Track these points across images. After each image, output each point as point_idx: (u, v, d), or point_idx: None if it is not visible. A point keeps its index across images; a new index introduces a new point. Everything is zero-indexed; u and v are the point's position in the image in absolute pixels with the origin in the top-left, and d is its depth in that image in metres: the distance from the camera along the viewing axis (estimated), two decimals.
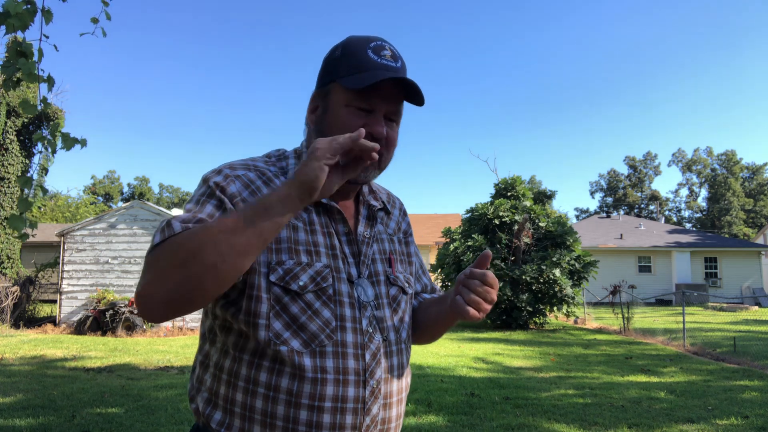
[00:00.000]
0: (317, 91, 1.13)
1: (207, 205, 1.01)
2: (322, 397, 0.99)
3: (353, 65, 1.06)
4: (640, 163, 60.83)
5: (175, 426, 4.90)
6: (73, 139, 2.72)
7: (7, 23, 2.33)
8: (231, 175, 1.05)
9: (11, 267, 14.16)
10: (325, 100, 1.10)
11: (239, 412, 1.00)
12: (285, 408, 0.98)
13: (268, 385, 0.99)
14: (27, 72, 2.48)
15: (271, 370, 0.99)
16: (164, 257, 0.90)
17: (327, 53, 1.14)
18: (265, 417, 0.99)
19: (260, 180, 1.07)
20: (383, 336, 1.09)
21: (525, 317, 14.07)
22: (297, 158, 1.15)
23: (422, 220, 31.47)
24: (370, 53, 1.07)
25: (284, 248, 1.03)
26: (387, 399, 1.07)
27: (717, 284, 26.43)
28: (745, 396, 6.35)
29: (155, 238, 0.93)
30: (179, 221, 0.95)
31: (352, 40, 1.10)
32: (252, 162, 1.10)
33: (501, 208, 14.97)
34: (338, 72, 1.08)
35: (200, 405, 1.06)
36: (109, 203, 54.84)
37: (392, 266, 1.19)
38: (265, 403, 0.99)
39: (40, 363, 8.20)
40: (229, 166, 1.07)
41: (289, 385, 0.98)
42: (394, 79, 1.04)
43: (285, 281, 1.01)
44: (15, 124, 14.18)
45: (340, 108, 1.07)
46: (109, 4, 2.84)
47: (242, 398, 1.00)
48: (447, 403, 5.78)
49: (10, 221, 2.56)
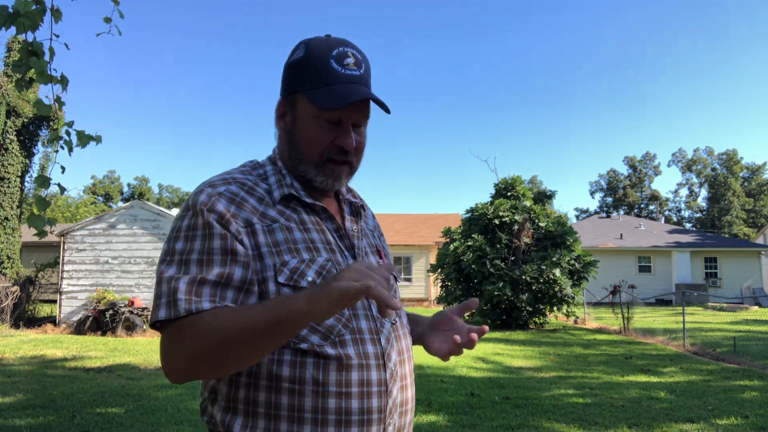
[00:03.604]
0: (284, 98, 1.15)
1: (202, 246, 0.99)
2: (348, 383, 1.00)
3: (317, 78, 1.07)
4: (640, 163, 60.83)
5: (175, 426, 4.90)
6: (87, 136, 2.73)
7: (18, 23, 2.34)
8: (214, 193, 1.04)
9: (11, 267, 14.15)
10: (293, 110, 1.12)
11: (263, 411, 0.99)
12: (313, 399, 0.98)
13: (293, 379, 0.99)
14: (39, 71, 2.48)
15: (293, 364, 0.99)
16: (184, 346, 0.93)
17: (289, 56, 1.14)
18: (292, 412, 0.98)
19: (243, 191, 1.07)
20: (391, 321, 1.12)
21: (525, 317, 14.07)
22: (273, 164, 1.16)
23: (422, 220, 31.45)
24: (334, 63, 1.07)
25: (284, 249, 1.03)
26: (403, 381, 1.10)
27: (717, 284, 26.42)
28: (745, 396, 6.35)
29: (160, 311, 0.94)
30: (183, 292, 0.94)
31: (314, 47, 1.10)
32: (229, 175, 1.10)
33: (501, 208, 14.97)
34: (303, 83, 1.09)
35: (217, 415, 1.03)
36: (109, 203, 54.87)
37: (383, 258, 1.25)
38: (291, 398, 0.98)
39: (40, 363, 8.21)
40: (209, 185, 1.06)
41: (315, 376, 0.99)
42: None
43: (294, 280, 1.01)
44: (15, 124, 14.17)
45: (309, 120, 1.09)
46: (119, 3, 2.83)
47: (266, 397, 0.99)
48: (447, 403, 5.78)
49: (29, 220, 2.58)
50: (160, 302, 0.95)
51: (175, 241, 1.01)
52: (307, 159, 1.11)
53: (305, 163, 1.11)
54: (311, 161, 1.11)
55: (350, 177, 1.17)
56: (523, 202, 15.48)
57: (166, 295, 0.95)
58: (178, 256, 0.99)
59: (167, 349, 0.95)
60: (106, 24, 2.87)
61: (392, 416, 1.06)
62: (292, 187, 1.11)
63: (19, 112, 14.14)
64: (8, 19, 2.33)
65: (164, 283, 0.96)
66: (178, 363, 0.94)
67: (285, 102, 1.14)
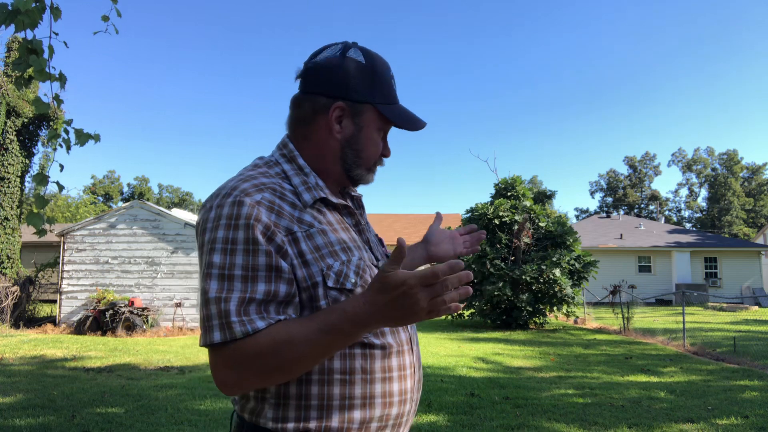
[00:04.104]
0: (348, 103, 1.13)
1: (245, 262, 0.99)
2: (390, 368, 1.09)
3: (386, 94, 1.17)
4: (640, 163, 60.81)
5: (175, 426, 4.90)
6: (86, 135, 2.73)
7: (17, 21, 2.33)
8: (253, 203, 1.01)
9: (11, 267, 14.14)
10: (360, 119, 1.15)
11: (316, 404, 1.04)
12: (362, 386, 1.05)
13: (344, 370, 1.05)
14: (38, 69, 2.47)
15: (343, 356, 1.05)
16: (246, 365, 0.96)
17: (337, 56, 1.14)
18: (343, 400, 1.04)
19: (276, 197, 1.06)
20: None
21: (525, 317, 14.06)
22: (289, 162, 1.15)
23: (422, 220, 31.46)
24: (392, 82, 1.20)
25: (325, 253, 1.06)
26: (419, 361, 1.22)
27: (717, 284, 26.40)
28: (745, 396, 6.34)
29: (215, 333, 0.96)
30: (235, 314, 0.95)
31: (377, 61, 1.17)
32: (256, 180, 1.07)
33: (501, 208, 14.97)
34: (374, 96, 1.15)
35: (268, 412, 1.05)
36: (109, 203, 54.82)
37: (384, 246, 1.34)
38: (343, 388, 1.04)
39: (40, 363, 8.20)
40: (244, 193, 1.03)
41: (363, 365, 1.06)
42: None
43: (340, 283, 1.06)
44: (15, 124, 14.17)
45: (373, 131, 1.17)
46: (117, 1, 2.83)
47: (318, 390, 1.04)
48: (447, 403, 5.78)
49: (28, 218, 2.58)
50: (212, 324, 0.96)
51: (212, 254, 1.00)
52: (365, 165, 1.19)
53: (361, 168, 1.18)
54: (366, 166, 1.19)
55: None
56: (523, 202, 15.47)
57: (217, 317, 0.96)
58: (218, 270, 0.98)
59: (226, 367, 0.97)
60: (103, 22, 2.87)
61: (416, 393, 1.18)
62: (318, 188, 1.13)
63: (19, 112, 14.13)
64: (8, 16, 2.32)
65: (213, 304, 0.97)
66: (240, 379, 0.98)
67: (350, 109, 1.14)
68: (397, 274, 0.88)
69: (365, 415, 1.05)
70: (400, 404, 1.10)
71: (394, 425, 1.10)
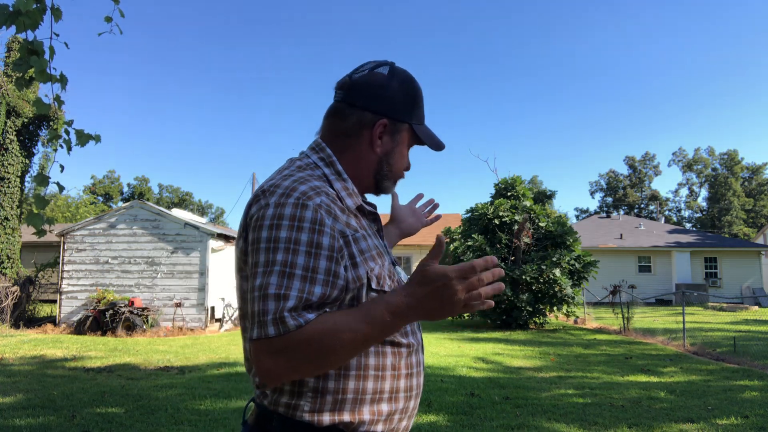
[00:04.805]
0: (390, 120, 1.24)
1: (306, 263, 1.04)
2: (411, 365, 1.20)
3: (420, 116, 1.30)
4: (640, 163, 60.79)
5: (175, 426, 4.90)
6: (87, 136, 2.73)
7: (18, 21, 2.34)
8: (314, 206, 1.07)
9: (11, 267, 14.15)
10: (397, 135, 1.26)
11: (351, 397, 1.12)
12: (390, 381, 1.15)
13: (377, 367, 1.14)
14: (39, 70, 2.48)
15: (376, 354, 1.14)
16: (295, 353, 1.00)
17: (383, 75, 1.24)
18: (375, 394, 1.13)
19: (330, 201, 1.12)
20: None
21: (525, 317, 14.06)
22: (329, 167, 1.22)
23: None
24: (423, 105, 1.31)
25: (368, 257, 1.15)
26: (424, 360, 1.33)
27: (717, 284, 26.40)
28: (745, 396, 6.34)
29: (269, 328, 0.99)
30: (290, 310, 0.99)
31: (416, 85, 1.30)
32: (311, 183, 1.12)
33: (501, 208, 14.97)
34: (411, 116, 1.27)
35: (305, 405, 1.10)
36: (109, 203, 54.80)
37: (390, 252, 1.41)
38: (375, 383, 1.13)
39: (40, 363, 8.21)
40: (305, 196, 1.08)
41: (393, 362, 1.16)
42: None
43: (380, 285, 1.15)
44: (15, 124, 14.17)
45: (404, 148, 1.29)
46: (120, 2, 2.83)
47: (354, 385, 1.12)
48: (447, 403, 5.78)
49: (28, 219, 2.58)
50: (266, 319, 0.99)
51: (273, 252, 1.04)
52: (393, 178, 1.29)
53: (389, 180, 1.29)
54: (394, 179, 1.30)
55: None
56: (523, 202, 15.47)
57: (273, 312, 0.99)
58: (280, 267, 1.02)
59: (272, 356, 1.00)
60: (106, 23, 2.87)
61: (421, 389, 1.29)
62: (356, 194, 1.22)
63: (19, 112, 14.14)
64: (9, 17, 2.33)
65: (271, 300, 1.00)
66: (286, 368, 1.02)
67: (392, 125, 1.25)
68: (437, 267, 0.96)
69: (391, 407, 1.15)
70: (416, 398, 1.23)
71: (410, 416, 1.22)
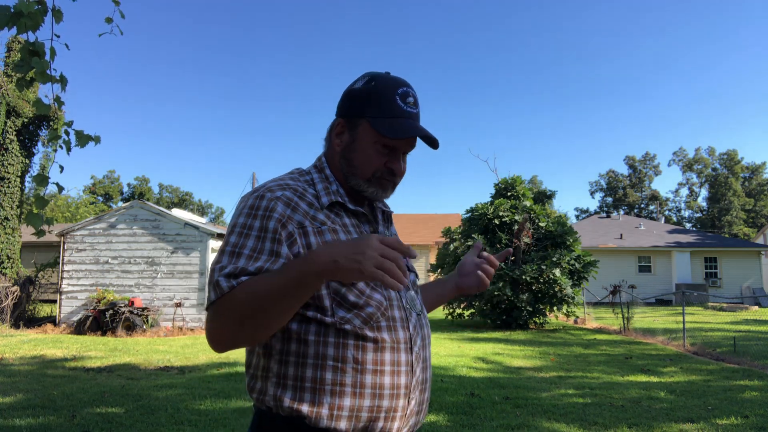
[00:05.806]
0: (345, 119, 1.30)
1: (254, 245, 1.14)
2: (382, 362, 1.17)
3: (383, 109, 1.26)
4: (640, 163, 60.76)
5: (175, 426, 4.90)
6: (86, 136, 2.74)
7: (19, 23, 2.35)
8: (273, 198, 1.19)
9: (11, 267, 14.15)
10: (354, 132, 1.29)
11: (309, 386, 1.14)
12: (352, 375, 1.14)
13: (336, 358, 1.14)
14: (40, 71, 2.49)
15: (337, 345, 1.15)
16: (230, 312, 1.09)
17: (354, 84, 1.31)
18: (334, 386, 1.14)
19: (296, 196, 1.22)
20: (416, 312, 1.30)
21: (525, 317, 14.06)
22: (319, 172, 1.32)
23: (422, 220, 31.46)
24: (398, 100, 1.27)
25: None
26: (424, 363, 1.28)
27: (717, 284, 26.40)
28: (745, 396, 6.35)
29: (211, 293, 1.12)
30: (224, 276, 1.10)
31: (382, 81, 1.28)
32: (282, 182, 1.25)
33: (501, 208, 14.97)
34: (368, 111, 1.27)
35: (270, 389, 1.18)
36: (109, 203, 54.79)
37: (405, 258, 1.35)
38: (334, 374, 1.14)
39: (40, 363, 8.21)
40: (267, 190, 1.21)
41: (355, 355, 1.15)
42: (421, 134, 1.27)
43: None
44: (15, 124, 14.16)
45: (368, 144, 1.27)
46: (120, 3, 2.83)
47: (312, 373, 1.14)
48: (447, 403, 5.78)
49: (28, 219, 2.60)
50: (210, 287, 1.12)
51: (229, 235, 1.17)
52: (361, 175, 1.28)
53: (357, 177, 1.28)
54: (364, 177, 1.28)
55: (393, 192, 1.36)
56: (523, 202, 15.47)
57: (214, 281, 1.11)
58: (230, 247, 1.15)
59: (211, 321, 1.12)
60: (107, 24, 2.87)
61: (415, 392, 1.23)
62: (338, 194, 1.27)
63: (19, 112, 14.13)
64: (10, 19, 2.33)
65: (215, 272, 1.12)
66: (221, 329, 1.11)
67: (347, 122, 1.30)
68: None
69: (354, 403, 1.14)
70: (391, 398, 1.17)
71: (386, 418, 1.17)
